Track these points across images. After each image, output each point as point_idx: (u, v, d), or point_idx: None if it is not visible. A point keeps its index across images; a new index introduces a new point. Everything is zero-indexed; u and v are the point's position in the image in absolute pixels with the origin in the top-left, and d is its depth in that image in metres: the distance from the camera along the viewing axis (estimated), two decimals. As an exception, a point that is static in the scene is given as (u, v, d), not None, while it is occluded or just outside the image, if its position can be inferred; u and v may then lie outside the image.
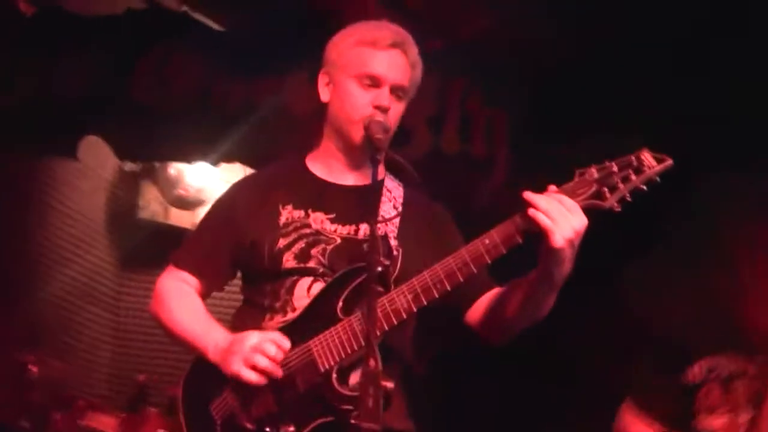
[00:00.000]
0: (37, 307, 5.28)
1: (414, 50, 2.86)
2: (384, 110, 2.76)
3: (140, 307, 5.66)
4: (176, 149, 5.09)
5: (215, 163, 5.15)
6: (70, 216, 5.55)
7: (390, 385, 2.48)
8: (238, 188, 2.94)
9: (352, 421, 2.46)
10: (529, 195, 2.47)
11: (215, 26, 4.91)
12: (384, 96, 2.77)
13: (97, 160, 5.55)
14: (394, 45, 2.81)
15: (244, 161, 5.00)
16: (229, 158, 5.01)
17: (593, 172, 2.47)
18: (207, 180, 5.85)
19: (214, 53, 4.77)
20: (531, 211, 2.45)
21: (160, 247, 3.57)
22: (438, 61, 4.81)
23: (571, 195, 2.46)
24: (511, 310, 2.66)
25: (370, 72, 2.78)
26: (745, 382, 3.26)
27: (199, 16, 4.88)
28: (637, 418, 3.35)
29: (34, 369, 4.36)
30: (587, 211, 2.46)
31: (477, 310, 2.77)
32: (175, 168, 5.86)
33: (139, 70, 4.81)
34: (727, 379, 3.26)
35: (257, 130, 4.65)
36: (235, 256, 2.83)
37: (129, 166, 5.83)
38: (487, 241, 2.53)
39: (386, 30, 2.85)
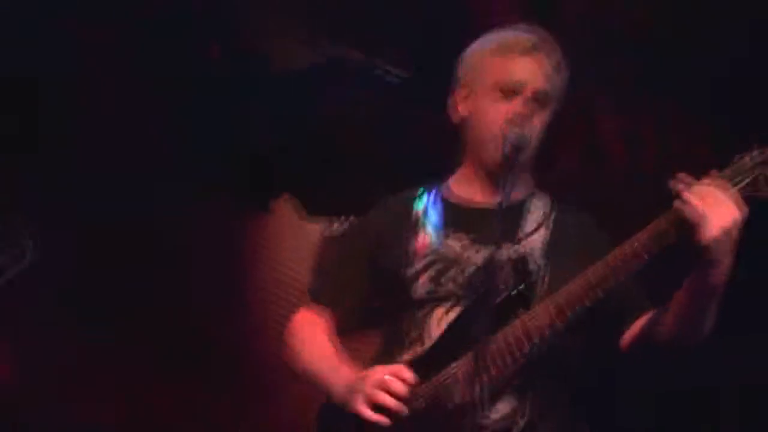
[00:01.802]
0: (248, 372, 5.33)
1: (556, 53, 2.61)
2: (524, 119, 2.52)
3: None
4: (365, 205, 5.01)
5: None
6: (276, 277, 5.58)
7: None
8: (372, 214, 2.79)
9: None
10: (677, 183, 2.19)
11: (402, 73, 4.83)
12: (523, 104, 2.54)
13: (298, 222, 5.57)
14: (534, 48, 2.58)
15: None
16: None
17: (749, 159, 2.19)
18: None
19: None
20: (680, 201, 2.18)
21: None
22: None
23: (729, 181, 2.20)
24: (668, 327, 2.35)
25: (508, 80, 2.55)
26: None
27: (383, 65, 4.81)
28: None
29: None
30: (745, 200, 2.18)
31: (633, 333, 2.46)
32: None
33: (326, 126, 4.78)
34: None
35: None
36: (371, 285, 2.66)
37: (331, 228, 5.81)
38: (635, 244, 2.27)
39: (524, 33, 2.62)
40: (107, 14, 4.42)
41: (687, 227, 2.19)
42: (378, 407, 2.37)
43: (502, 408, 2.40)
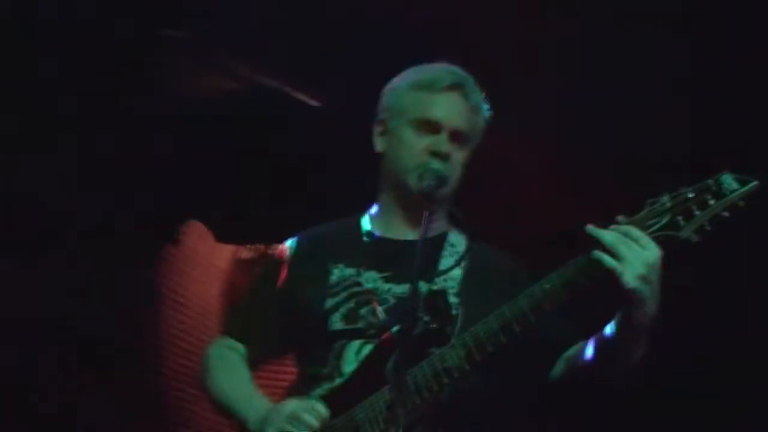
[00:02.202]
0: (161, 401, 5.24)
1: (476, 93, 2.65)
2: (442, 157, 2.54)
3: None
4: (278, 230, 4.98)
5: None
6: (184, 305, 5.50)
7: None
8: (288, 248, 2.77)
9: None
10: (592, 229, 2.21)
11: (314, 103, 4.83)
12: (442, 142, 2.56)
13: (207, 248, 5.51)
14: (453, 87, 2.61)
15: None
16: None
17: (665, 201, 2.21)
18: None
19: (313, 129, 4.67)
20: (595, 251, 2.19)
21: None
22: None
23: (641, 227, 2.20)
24: (593, 365, 2.37)
25: (427, 116, 2.58)
26: None
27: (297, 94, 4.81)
28: None
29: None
30: (662, 244, 2.19)
31: (559, 369, 2.49)
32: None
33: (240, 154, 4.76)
34: None
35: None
36: (284, 320, 2.64)
37: (242, 253, 5.77)
38: (547, 286, 2.27)
39: (444, 71, 2.65)
40: None
41: (601, 274, 2.21)
42: None
43: None
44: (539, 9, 3.79)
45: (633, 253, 2.17)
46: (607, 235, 2.20)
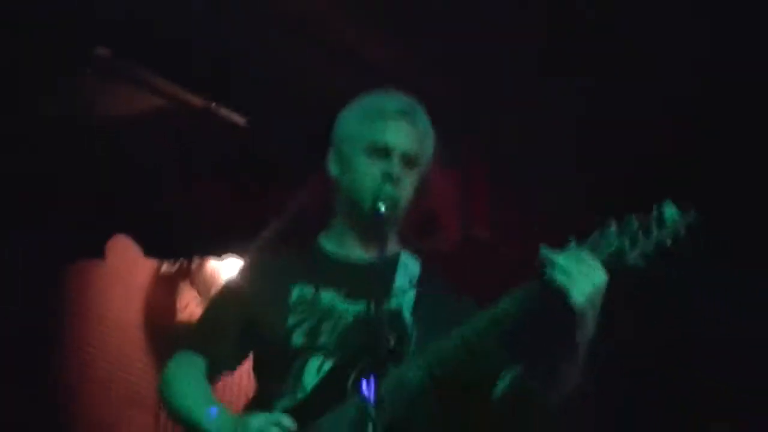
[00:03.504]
0: (81, 417, 5.20)
1: (423, 119, 2.77)
2: (394, 180, 2.65)
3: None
4: (203, 245, 5.02)
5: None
6: (105, 323, 5.48)
7: None
8: (247, 268, 2.86)
9: None
10: (546, 251, 2.33)
11: (239, 121, 4.86)
12: (393, 166, 2.67)
13: (128, 264, 5.49)
14: (402, 114, 2.73)
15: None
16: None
17: (613, 228, 2.34)
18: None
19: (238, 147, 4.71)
20: (548, 270, 2.30)
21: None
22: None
23: (591, 251, 2.32)
24: (535, 383, 2.48)
25: (378, 142, 2.69)
26: None
27: (223, 111, 4.83)
28: None
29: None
30: (609, 268, 2.31)
31: (501, 391, 2.58)
32: (212, 266, 5.78)
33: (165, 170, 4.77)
34: None
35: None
36: (244, 335, 2.71)
37: (164, 268, 5.77)
38: (504, 306, 2.39)
39: (393, 99, 2.77)
40: None
41: (551, 296, 2.32)
42: None
43: None
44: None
45: (582, 274, 2.28)
46: (560, 257, 2.31)
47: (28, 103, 4.44)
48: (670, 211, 2.31)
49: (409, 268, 2.73)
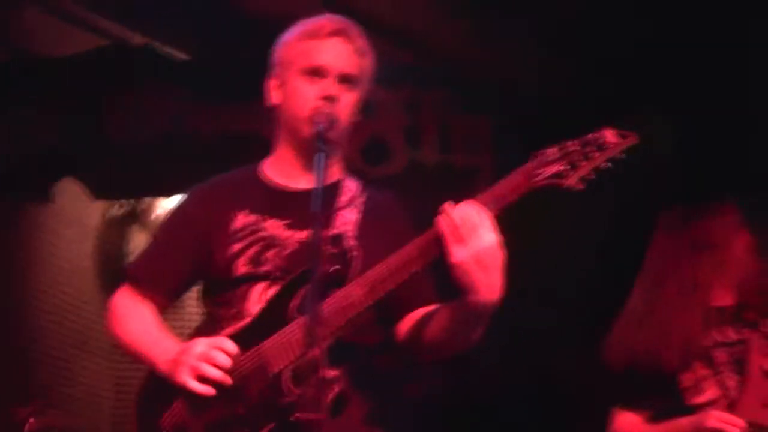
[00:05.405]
0: (32, 359, 5.21)
1: (359, 37, 2.76)
2: (331, 100, 2.65)
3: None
4: (152, 185, 5.01)
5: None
6: (57, 265, 5.47)
7: (333, 373, 2.38)
8: (190, 198, 2.85)
9: (294, 417, 2.35)
10: (447, 204, 2.35)
11: (181, 56, 4.84)
12: (329, 86, 2.67)
13: (80, 208, 5.48)
14: (336, 33, 2.71)
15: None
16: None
17: (552, 152, 2.36)
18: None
19: (181, 84, 4.69)
20: (439, 219, 2.34)
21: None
22: (410, 74, 4.79)
23: (528, 177, 2.35)
24: (431, 332, 2.53)
25: (314, 63, 2.68)
26: (726, 349, 3.12)
27: (164, 49, 4.81)
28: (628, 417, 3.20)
29: (33, 420, 4.29)
30: (548, 191, 2.34)
31: (406, 324, 2.64)
32: (161, 209, 5.78)
33: (109, 108, 4.74)
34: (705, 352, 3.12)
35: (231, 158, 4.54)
36: (189, 265, 2.73)
37: (113, 211, 5.75)
38: (406, 253, 2.42)
39: (326, 20, 2.75)
40: None
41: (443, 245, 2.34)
42: (202, 378, 2.46)
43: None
44: None
45: (469, 232, 2.29)
46: (456, 211, 2.33)
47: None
48: (610, 134, 2.34)
49: (351, 191, 2.75)
